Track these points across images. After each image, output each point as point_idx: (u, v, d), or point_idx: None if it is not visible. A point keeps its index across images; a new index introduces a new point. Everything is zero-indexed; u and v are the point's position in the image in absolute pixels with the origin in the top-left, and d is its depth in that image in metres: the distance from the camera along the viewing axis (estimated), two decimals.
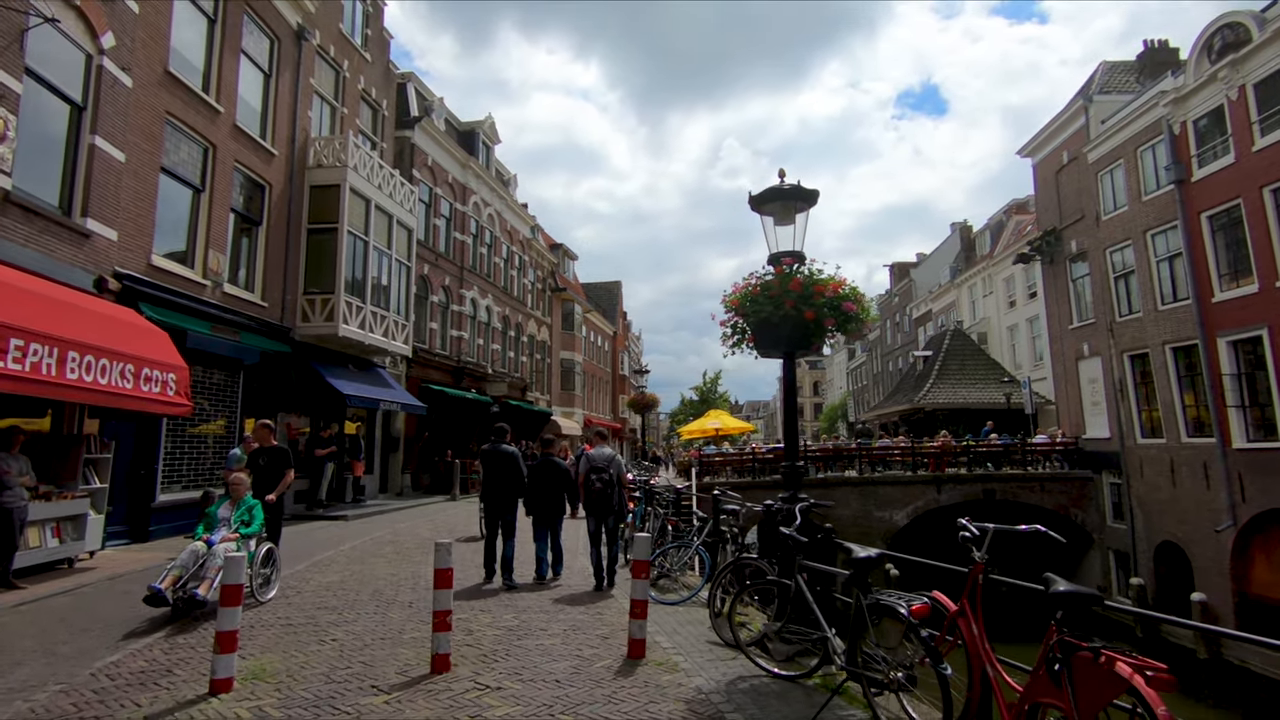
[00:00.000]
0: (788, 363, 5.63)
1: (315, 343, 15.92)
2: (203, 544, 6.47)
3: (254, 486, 7.36)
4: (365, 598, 7.29)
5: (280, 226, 15.11)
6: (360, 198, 16.72)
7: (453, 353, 23.81)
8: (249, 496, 7.07)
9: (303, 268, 15.82)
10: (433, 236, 22.82)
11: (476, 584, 8.24)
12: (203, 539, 6.58)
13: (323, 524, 13.79)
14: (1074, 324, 22.26)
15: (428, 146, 22.52)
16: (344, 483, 17.36)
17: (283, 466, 8.04)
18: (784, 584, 4.67)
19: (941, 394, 30.11)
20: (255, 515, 6.94)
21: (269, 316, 14.56)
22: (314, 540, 11.57)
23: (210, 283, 12.66)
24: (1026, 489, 21.43)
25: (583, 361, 38.61)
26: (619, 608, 6.89)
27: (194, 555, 6.33)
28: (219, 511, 6.88)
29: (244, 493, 7.03)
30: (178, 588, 6.06)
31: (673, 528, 7.99)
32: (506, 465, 8.19)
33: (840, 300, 5.16)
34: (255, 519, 6.91)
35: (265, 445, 8.25)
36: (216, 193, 12.87)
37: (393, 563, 9.49)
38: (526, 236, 32.03)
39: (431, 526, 13.83)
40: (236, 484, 7.02)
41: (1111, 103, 20.75)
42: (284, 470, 8.01)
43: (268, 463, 8.02)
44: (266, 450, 8.19)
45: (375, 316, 17.20)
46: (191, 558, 6.31)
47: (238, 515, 6.83)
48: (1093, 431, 21.53)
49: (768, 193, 5.79)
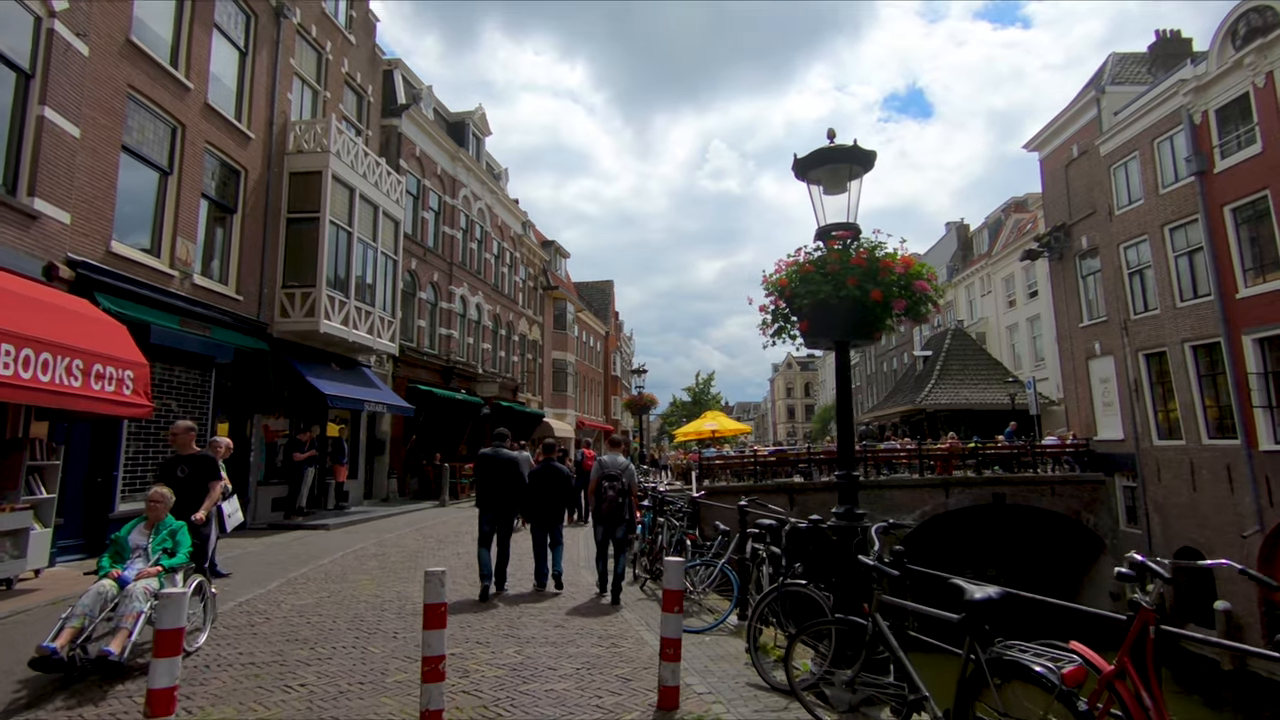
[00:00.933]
0: (841, 353, 4.78)
1: (295, 340, 14.92)
2: (111, 582, 4.94)
3: (175, 504, 5.86)
4: (344, 626, 6.36)
5: (257, 215, 14.11)
6: (344, 186, 15.75)
7: (441, 352, 22.83)
8: (170, 518, 5.61)
9: (281, 260, 14.82)
10: (421, 230, 21.84)
11: (470, 599, 7.62)
12: (111, 575, 5.01)
13: (301, 534, 12.80)
14: (1084, 322, 21.61)
15: (415, 136, 21.55)
16: (326, 489, 16.37)
17: (207, 478, 6.76)
18: (855, 623, 3.80)
19: (943, 395, 29.46)
20: (180, 541, 5.50)
21: (244, 311, 13.56)
22: (290, 554, 10.60)
23: (179, 273, 11.65)
24: (1037, 492, 20.74)
25: (575, 362, 37.68)
26: (635, 636, 6.01)
27: (100, 599, 4.78)
28: (131, 537, 5.39)
29: (164, 512, 5.56)
30: (77, 644, 4.55)
31: (691, 542, 7.11)
32: (508, 471, 7.86)
33: (912, 278, 4.32)
34: (181, 545, 5.48)
35: (185, 452, 6.86)
36: (186, 176, 11.88)
37: (377, 580, 8.56)
38: (518, 233, 31.08)
39: (419, 536, 12.87)
40: (156, 502, 5.51)
41: (1124, 94, 20.12)
42: (209, 482, 6.74)
43: (189, 474, 6.66)
44: (187, 459, 6.80)
45: (360, 312, 16.22)
46: (97, 602, 4.75)
47: (157, 542, 5.38)
48: (1105, 433, 20.87)
49: (816, 156, 4.94)
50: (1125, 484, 19.97)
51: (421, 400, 20.08)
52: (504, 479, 7.84)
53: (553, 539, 8.03)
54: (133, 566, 5.16)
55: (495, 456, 7.96)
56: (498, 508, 7.83)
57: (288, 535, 12.60)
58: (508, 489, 7.84)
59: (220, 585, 7.99)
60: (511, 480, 7.88)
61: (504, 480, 7.84)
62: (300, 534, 12.84)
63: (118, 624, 4.71)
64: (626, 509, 7.47)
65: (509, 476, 7.87)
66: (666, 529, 8.07)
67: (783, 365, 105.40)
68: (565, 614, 6.86)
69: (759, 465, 21.34)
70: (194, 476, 6.67)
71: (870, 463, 21.24)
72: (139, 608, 4.78)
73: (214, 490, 6.73)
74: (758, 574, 5.85)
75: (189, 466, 6.72)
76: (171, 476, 6.53)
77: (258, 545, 11.33)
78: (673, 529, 7.83)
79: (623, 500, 7.44)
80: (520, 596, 7.72)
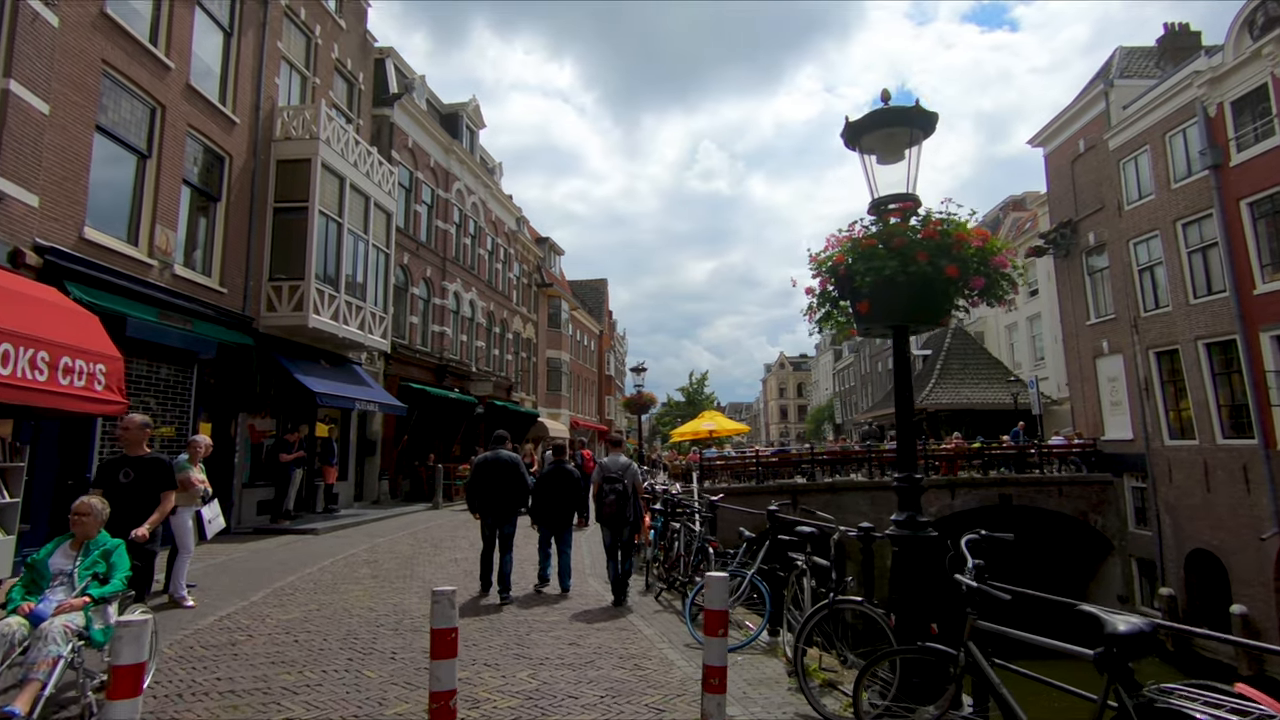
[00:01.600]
0: (900, 338, 4.23)
1: (282, 335, 14.26)
2: (20, 620, 3.83)
3: (115, 516, 4.79)
4: (335, 644, 5.75)
5: (242, 204, 13.44)
6: (333, 175, 15.09)
7: (434, 349, 22.17)
8: (105, 534, 4.49)
9: (268, 251, 14.15)
10: (413, 224, 21.18)
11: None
12: (21, 610, 3.89)
13: (288, 539, 12.15)
14: (1092, 320, 21.22)
15: (408, 127, 20.89)
16: (314, 491, 15.70)
17: (158, 485, 5.68)
18: (942, 653, 3.25)
19: (944, 394, 29.07)
20: (116, 563, 4.37)
21: (229, 305, 12.89)
22: (276, 560, 9.95)
23: (158, 263, 10.98)
24: (1044, 493, 20.34)
25: (570, 361, 37.07)
26: (659, 656, 5.45)
27: (4, 642, 3.71)
28: (52, 560, 4.28)
29: (96, 528, 4.43)
30: None
31: (714, 550, 6.55)
32: (508, 473, 7.69)
33: (989, 253, 3.78)
34: (116, 569, 4.35)
35: (134, 453, 5.81)
36: (166, 160, 11.20)
37: (370, 590, 7.94)
38: (512, 229, 30.44)
39: (413, 541, 12.25)
40: (82, 515, 4.39)
41: (1134, 87, 19.74)
42: (160, 491, 5.67)
43: (135, 479, 5.60)
44: (135, 461, 5.71)
45: (350, 307, 15.56)
46: (0, 647, 3.70)
47: (86, 565, 4.27)
48: (1113, 433, 20.49)
49: (870, 119, 4.38)
50: (1134, 484, 19.58)
51: (414, 399, 19.43)
52: (505, 482, 7.63)
53: (560, 542, 7.88)
54: (50, 599, 4.05)
55: (495, 459, 7.74)
56: (498, 512, 7.62)
57: (274, 540, 11.94)
58: (509, 492, 7.65)
59: (199, 597, 7.37)
60: (513, 483, 7.67)
61: (505, 483, 7.63)
62: (287, 539, 12.18)
63: (27, 674, 3.62)
64: (630, 510, 7.29)
65: (510, 479, 7.67)
66: (683, 535, 7.50)
67: (775, 365, 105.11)
68: (578, 628, 6.29)
69: (760, 466, 20.83)
70: (141, 483, 5.62)
71: (875, 463, 20.77)
72: (56, 652, 3.71)
73: (165, 502, 5.70)
74: (796, 587, 5.30)
75: (135, 470, 5.66)
76: (113, 482, 5.56)
77: (242, 551, 10.68)
78: (690, 535, 7.26)
79: (624, 503, 7.25)
80: (527, 605, 7.30)
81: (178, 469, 7.46)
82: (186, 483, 7.38)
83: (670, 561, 7.42)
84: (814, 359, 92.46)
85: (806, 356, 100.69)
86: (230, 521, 12.71)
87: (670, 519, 8.64)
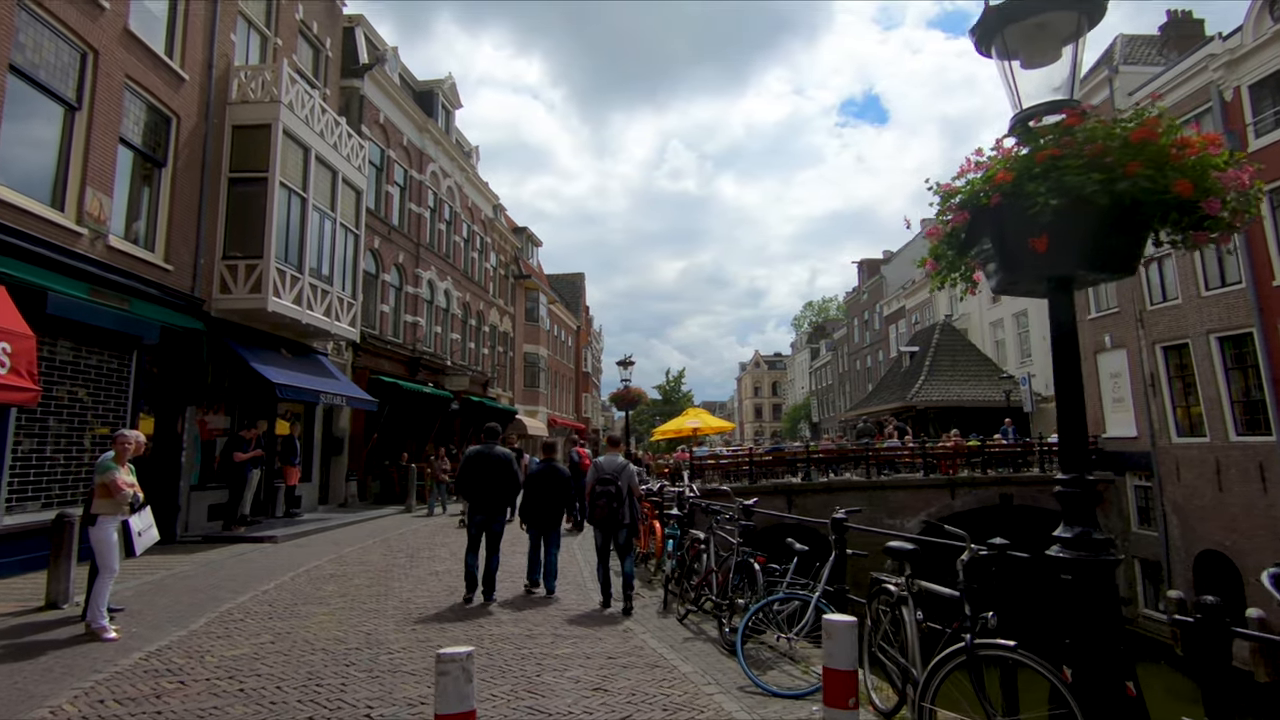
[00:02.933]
0: (1062, 297, 3.13)
1: (238, 320, 12.80)
2: None
3: None
4: (293, 695, 4.49)
5: (192, 172, 11.96)
6: (297, 144, 13.64)
7: (407, 341, 20.73)
8: None
9: (222, 226, 12.67)
10: (385, 206, 19.71)
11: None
12: None
13: (243, 549, 10.73)
14: (1092, 314, 20.61)
15: (379, 101, 19.42)
16: (274, 493, 14.25)
17: None
18: None
19: (934, 391, 28.41)
20: None
21: (175, 284, 11.41)
22: (227, 575, 8.57)
23: (88, 232, 9.50)
24: (1045, 492, 19.64)
25: (548, 357, 35.72)
26: (715, 709, 4.30)
27: None
28: None
29: None
30: None
31: (760, 566, 5.42)
32: (499, 470, 7.41)
33: (1213, 164, 2.68)
34: None
35: None
36: (100, 115, 9.72)
37: (338, 614, 6.66)
38: (489, 216, 29.02)
39: (386, 550, 10.93)
40: None
41: (1139, 74, 19.15)
42: None
43: None
44: None
45: (315, 291, 14.12)
46: None
47: None
48: (1114, 430, 19.90)
49: (1016, 6, 3.26)
50: (1138, 483, 19.01)
51: (385, 393, 18.01)
52: (496, 478, 7.37)
53: (549, 542, 7.65)
54: None
55: (487, 453, 7.46)
56: (489, 509, 7.38)
57: (226, 550, 10.52)
58: (500, 489, 7.40)
59: (125, 625, 6.03)
60: (505, 480, 7.43)
61: (497, 480, 7.37)
62: (242, 548, 10.76)
63: None
64: (625, 512, 7.01)
65: (503, 476, 7.41)
66: (713, 546, 6.36)
67: (750, 364, 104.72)
68: (598, 665, 5.11)
69: (753, 465, 19.80)
70: None
71: (871, 461, 19.90)
72: None
73: None
74: (883, 618, 4.18)
75: None
76: None
77: (187, 564, 9.27)
78: (725, 548, 6.12)
79: (619, 505, 6.99)
80: (525, 622, 6.44)
81: (100, 470, 6.11)
82: (111, 487, 6.05)
83: (702, 578, 6.27)
84: (789, 358, 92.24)
85: (781, 355, 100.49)
86: (175, 529, 11.28)
87: (689, 526, 7.51)
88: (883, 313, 50.33)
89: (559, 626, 6.25)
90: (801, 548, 5.46)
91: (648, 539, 8.87)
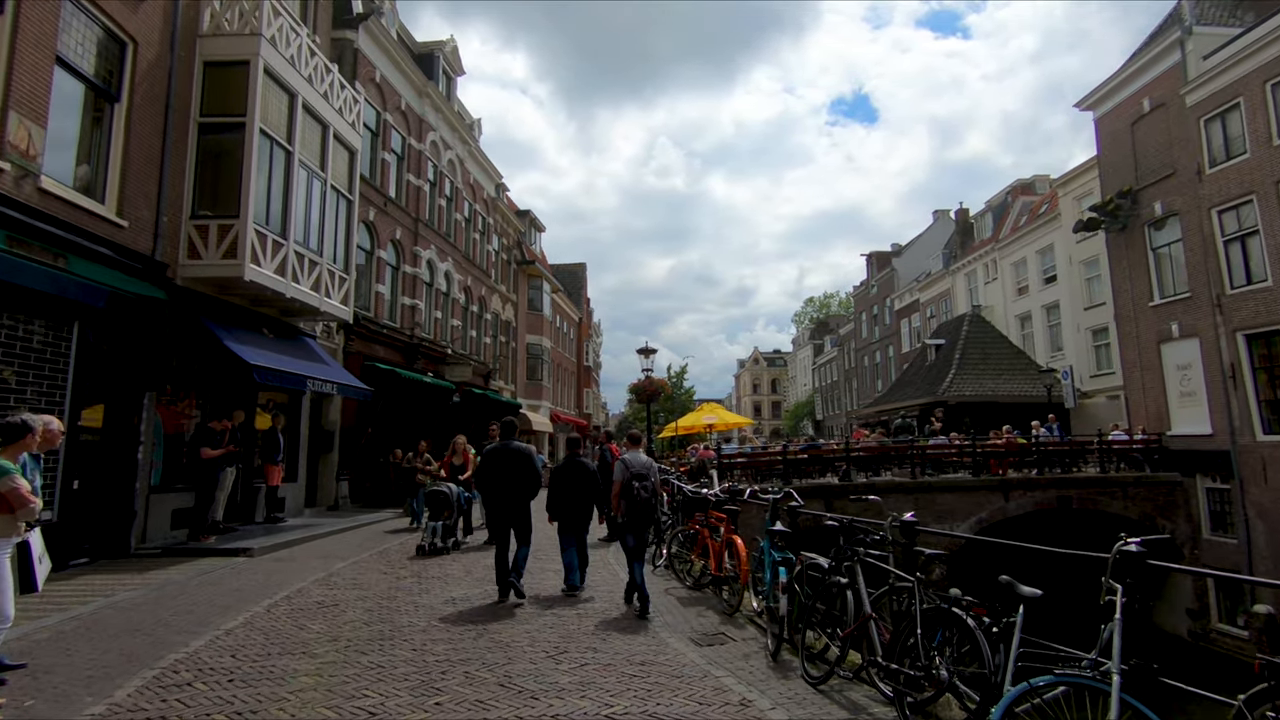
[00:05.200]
0: None
1: (210, 291, 10.85)
2: None
3: None
4: None
5: (153, 111, 9.97)
6: (281, 88, 11.67)
7: (405, 325, 18.77)
8: None
9: (191, 178, 10.70)
10: (381, 174, 17.74)
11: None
12: None
13: (210, 565, 8.78)
14: (1155, 300, 18.91)
15: (375, 57, 17.43)
16: (254, 495, 12.32)
17: None
18: None
19: (966, 386, 26.67)
20: None
21: (131, 243, 9.45)
22: (185, 604, 6.64)
23: (10, 167, 7.52)
24: (1108, 495, 17.96)
25: (551, 348, 33.77)
26: None
27: None
28: None
29: None
30: None
31: (980, 618, 3.56)
32: (520, 465, 7.19)
33: None
34: None
35: None
36: (26, 23, 7.74)
37: (327, 672, 4.74)
38: (491, 195, 27.03)
39: (386, 566, 8.99)
40: None
41: (1216, 35, 17.42)
42: None
43: None
44: None
45: (302, 261, 12.17)
46: None
47: None
48: (1182, 427, 18.20)
49: None
50: (1210, 485, 17.32)
51: (381, 382, 16.06)
52: (517, 474, 7.14)
53: (579, 541, 7.46)
54: None
55: (506, 449, 7.26)
56: (509, 506, 7.17)
57: (189, 566, 8.58)
58: (521, 486, 7.14)
59: (19, 692, 4.12)
60: (525, 475, 7.17)
61: (516, 476, 7.13)
62: (209, 564, 8.82)
63: None
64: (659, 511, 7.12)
65: (522, 471, 7.17)
66: (861, 583, 4.48)
67: (748, 361, 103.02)
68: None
69: (786, 463, 17.94)
70: None
71: (916, 461, 18.10)
72: None
73: None
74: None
75: None
76: None
77: (136, 587, 7.33)
78: (898, 592, 4.23)
79: (656, 501, 7.06)
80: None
81: None
82: (12, 498, 4.17)
83: (851, 629, 4.39)
84: (790, 354, 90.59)
85: (780, 352, 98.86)
86: (129, 540, 9.33)
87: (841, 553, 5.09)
88: (894, 306, 48.63)
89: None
90: (1032, 593, 3.59)
91: (721, 556, 7.00)
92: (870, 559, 4.62)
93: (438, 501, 10.20)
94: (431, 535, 10.03)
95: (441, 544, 10.05)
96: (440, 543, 10.05)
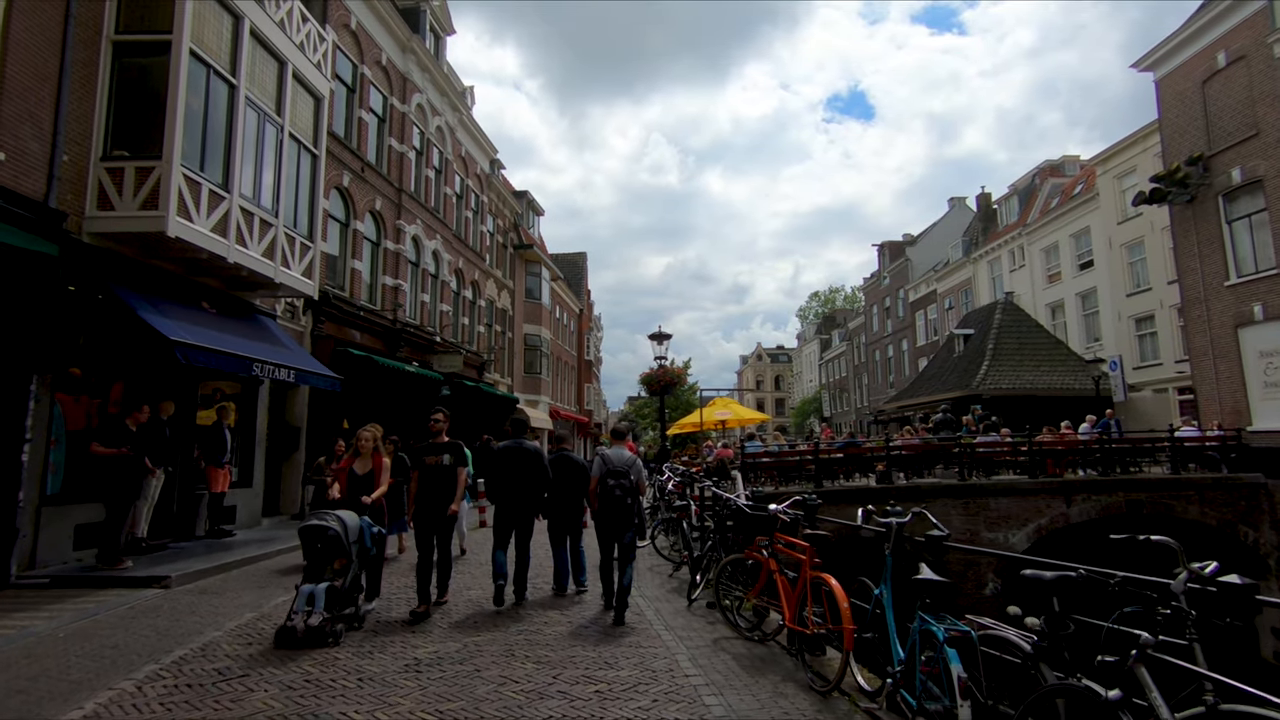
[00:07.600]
0: None
1: (131, 253, 8.72)
2: None
3: None
4: None
5: (48, 20, 7.82)
6: (222, 7, 9.51)
7: (386, 308, 16.61)
8: None
9: (103, 110, 8.55)
10: (359, 135, 15.57)
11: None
12: None
13: (106, 599, 6.63)
14: (1233, 279, 16.81)
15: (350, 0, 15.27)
16: (195, 504, 10.19)
17: None
18: None
19: (1003, 378, 24.53)
20: None
21: (10, 182, 7.31)
22: (23, 675, 4.47)
23: None
24: (1182, 499, 15.86)
25: (550, 340, 31.61)
26: None
27: None
28: None
29: None
30: None
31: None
32: (532, 466, 6.75)
33: None
34: None
35: None
36: None
37: None
38: (485, 171, 24.85)
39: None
40: None
41: None
42: None
43: None
44: None
45: (251, 221, 10.02)
46: None
47: None
48: (1265, 422, 16.13)
49: None
50: None
51: (356, 370, 13.91)
52: (528, 476, 6.75)
53: (574, 539, 7.18)
54: None
55: (518, 449, 6.81)
56: (518, 510, 6.76)
57: (74, 604, 6.43)
58: (532, 488, 6.78)
59: None
60: (538, 477, 6.81)
61: (527, 477, 6.74)
62: (110, 598, 6.69)
63: None
64: (635, 511, 6.46)
65: (534, 472, 6.78)
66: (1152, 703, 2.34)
67: (752, 357, 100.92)
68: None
69: (819, 462, 15.80)
70: None
71: (965, 460, 16.00)
72: None
73: None
74: None
75: None
76: None
77: None
78: None
79: (633, 501, 6.43)
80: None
81: None
82: None
83: None
84: (795, 350, 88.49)
85: (784, 348, 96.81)
86: (9, 566, 7.18)
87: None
88: (908, 298, 46.51)
89: None
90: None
91: (799, 602, 4.87)
92: (1159, 655, 2.48)
93: (316, 545, 5.71)
94: (306, 605, 5.39)
95: (323, 623, 5.34)
96: (321, 620, 5.33)
